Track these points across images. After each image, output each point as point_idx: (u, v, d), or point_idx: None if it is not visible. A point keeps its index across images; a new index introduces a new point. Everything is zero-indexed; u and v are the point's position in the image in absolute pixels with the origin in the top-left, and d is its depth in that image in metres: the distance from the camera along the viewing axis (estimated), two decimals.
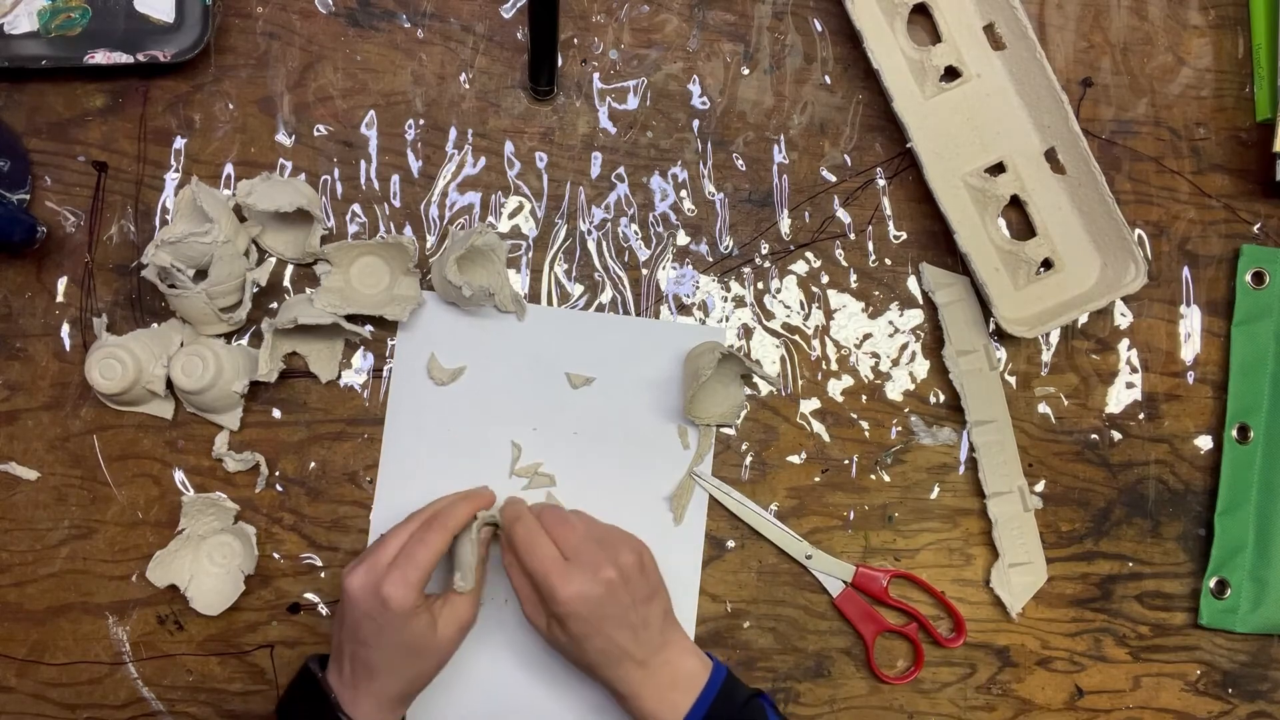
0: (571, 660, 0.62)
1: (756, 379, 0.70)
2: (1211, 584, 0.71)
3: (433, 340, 0.68)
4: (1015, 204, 0.71)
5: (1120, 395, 0.72)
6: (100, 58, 0.65)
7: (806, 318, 0.71)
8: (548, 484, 0.69)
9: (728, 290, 0.71)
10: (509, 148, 0.70)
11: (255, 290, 0.65)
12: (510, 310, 0.68)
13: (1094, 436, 0.72)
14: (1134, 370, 0.72)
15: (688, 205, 0.71)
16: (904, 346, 0.71)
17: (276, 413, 0.68)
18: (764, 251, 0.71)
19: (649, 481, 0.69)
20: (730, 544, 0.69)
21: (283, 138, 0.69)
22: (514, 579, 0.62)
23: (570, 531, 0.61)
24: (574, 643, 0.60)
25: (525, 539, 0.60)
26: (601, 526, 0.64)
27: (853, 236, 0.71)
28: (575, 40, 0.71)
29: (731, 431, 0.69)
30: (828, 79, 0.72)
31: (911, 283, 0.71)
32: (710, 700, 0.60)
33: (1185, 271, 0.73)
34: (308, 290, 0.67)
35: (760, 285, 0.71)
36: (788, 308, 0.71)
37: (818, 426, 0.70)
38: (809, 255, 0.71)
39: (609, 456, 0.69)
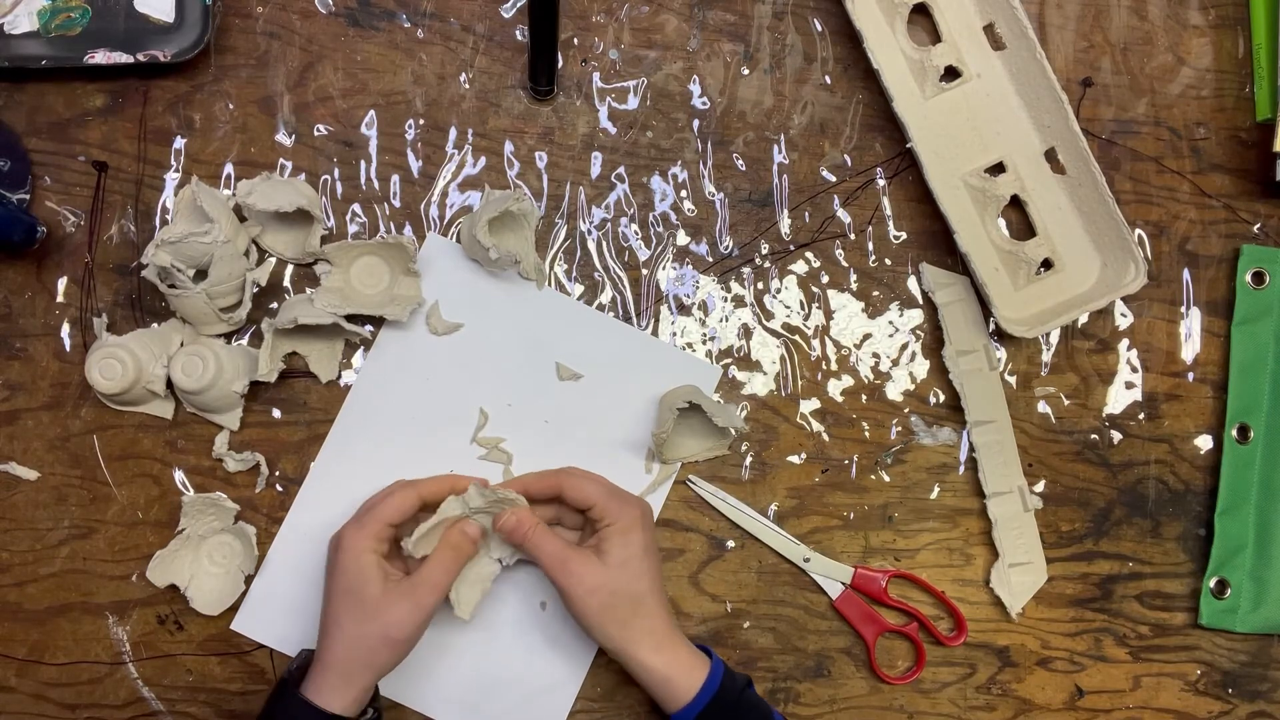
0: (606, 610, 0.60)
1: (753, 388, 0.70)
2: (1211, 584, 0.71)
3: (440, 289, 0.68)
4: (1015, 204, 0.71)
5: (1120, 395, 0.72)
6: (100, 58, 0.65)
7: (806, 318, 0.71)
8: (504, 461, 0.68)
9: (728, 290, 0.71)
10: (509, 148, 0.70)
11: (255, 290, 0.65)
12: (532, 278, 0.68)
13: (1094, 436, 0.72)
14: (1134, 370, 0.72)
15: (688, 205, 0.71)
16: (904, 346, 0.71)
17: (276, 413, 0.68)
18: (764, 251, 0.71)
19: None
20: (730, 544, 0.69)
21: (283, 138, 0.69)
22: (541, 543, 0.61)
23: (604, 480, 0.65)
24: (636, 559, 0.61)
25: (579, 476, 0.64)
26: None
27: (853, 236, 0.71)
28: (575, 40, 0.70)
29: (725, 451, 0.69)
30: (828, 79, 0.72)
31: (911, 283, 0.71)
32: (718, 680, 0.61)
33: (1185, 271, 0.73)
34: (308, 290, 0.67)
35: (760, 285, 0.71)
36: (788, 308, 0.71)
37: (818, 426, 0.70)
38: (809, 255, 0.71)
39: (571, 455, 0.68)
